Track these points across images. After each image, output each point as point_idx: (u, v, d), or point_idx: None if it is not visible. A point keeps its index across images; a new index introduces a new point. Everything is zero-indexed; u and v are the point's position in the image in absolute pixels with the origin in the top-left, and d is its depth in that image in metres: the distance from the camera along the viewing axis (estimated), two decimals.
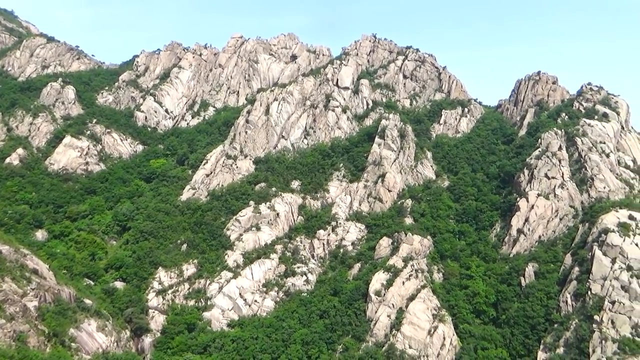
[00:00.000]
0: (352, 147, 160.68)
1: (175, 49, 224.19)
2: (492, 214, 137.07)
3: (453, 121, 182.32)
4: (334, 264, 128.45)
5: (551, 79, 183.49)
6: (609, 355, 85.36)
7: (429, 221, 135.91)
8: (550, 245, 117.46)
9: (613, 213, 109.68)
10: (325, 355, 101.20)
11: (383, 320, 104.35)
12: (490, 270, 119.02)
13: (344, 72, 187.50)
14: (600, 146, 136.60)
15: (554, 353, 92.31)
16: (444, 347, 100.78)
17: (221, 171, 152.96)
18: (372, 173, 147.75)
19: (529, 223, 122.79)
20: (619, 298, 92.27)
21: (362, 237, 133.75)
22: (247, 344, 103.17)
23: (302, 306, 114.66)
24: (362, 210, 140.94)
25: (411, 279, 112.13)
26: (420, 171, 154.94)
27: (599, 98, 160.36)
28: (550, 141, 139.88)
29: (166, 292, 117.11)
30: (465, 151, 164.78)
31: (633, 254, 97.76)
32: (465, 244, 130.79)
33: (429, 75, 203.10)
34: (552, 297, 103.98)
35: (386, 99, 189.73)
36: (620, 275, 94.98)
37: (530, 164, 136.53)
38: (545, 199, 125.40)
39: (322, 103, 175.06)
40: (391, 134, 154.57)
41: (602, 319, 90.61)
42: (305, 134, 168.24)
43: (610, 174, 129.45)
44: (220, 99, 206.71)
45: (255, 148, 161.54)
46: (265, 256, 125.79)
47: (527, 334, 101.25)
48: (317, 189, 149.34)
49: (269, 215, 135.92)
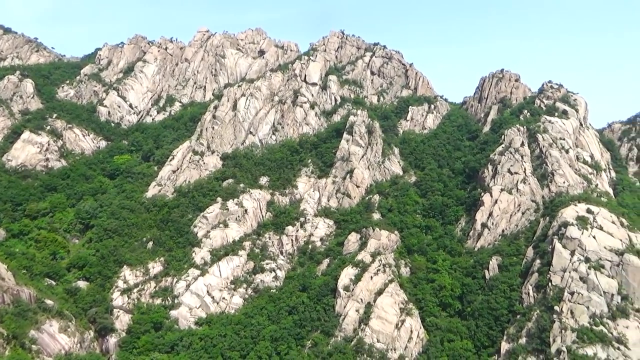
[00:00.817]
0: (320, 143, 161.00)
1: (139, 43, 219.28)
2: (457, 209, 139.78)
3: (420, 117, 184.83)
4: (302, 260, 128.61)
5: (514, 76, 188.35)
6: (569, 344, 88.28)
7: (396, 216, 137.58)
8: (513, 239, 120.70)
9: (572, 207, 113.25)
10: (294, 351, 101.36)
11: (352, 315, 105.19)
12: (456, 264, 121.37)
13: (312, 68, 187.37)
14: (560, 142, 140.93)
15: (517, 343, 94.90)
16: (411, 340, 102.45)
17: (188, 167, 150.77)
18: (341, 169, 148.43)
19: (493, 217, 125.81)
20: (577, 289, 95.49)
21: (331, 232, 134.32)
22: (215, 341, 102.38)
23: (271, 303, 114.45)
24: (331, 206, 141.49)
25: (379, 273, 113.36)
26: (387, 167, 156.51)
27: (559, 96, 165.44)
28: (513, 137, 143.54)
29: (131, 290, 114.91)
30: (432, 147, 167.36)
31: (591, 246, 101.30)
32: (432, 238, 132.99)
33: (396, 72, 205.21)
34: (514, 289, 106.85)
35: (354, 95, 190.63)
36: (579, 267, 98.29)
37: (494, 160, 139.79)
38: (508, 193, 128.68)
39: (290, 99, 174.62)
40: (359, 130, 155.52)
41: (562, 309, 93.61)
42: (273, 129, 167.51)
43: (570, 170, 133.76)
44: (187, 94, 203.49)
45: (222, 144, 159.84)
46: (233, 253, 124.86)
47: (491, 325, 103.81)
48: (286, 185, 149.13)
49: (237, 211, 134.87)
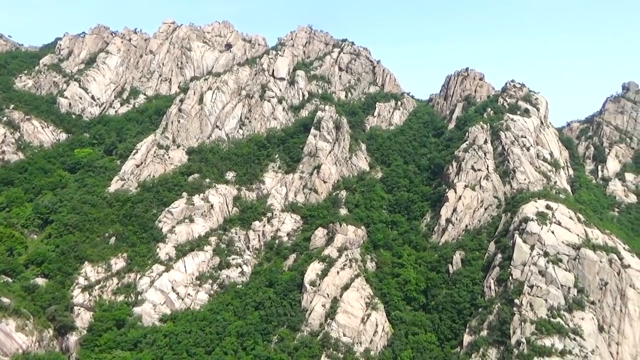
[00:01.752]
0: (287, 138, 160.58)
1: (102, 33, 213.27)
2: (422, 205, 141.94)
3: (387, 114, 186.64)
4: (269, 255, 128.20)
5: (478, 75, 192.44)
6: (528, 335, 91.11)
7: (362, 212, 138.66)
8: (475, 234, 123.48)
9: (532, 203, 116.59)
10: (261, 346, 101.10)
11: (318, 309, 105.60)
12: (421, 259, 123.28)
13: (280, 63, 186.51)
14: (521, 140, 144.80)
15: (479, 336, 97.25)
16: (377, 334, 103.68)
17: (152, 161, 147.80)
18: (308, 164, 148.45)
19: (457, 213, 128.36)
20: (536, 282, 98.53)
21: (298, 228, 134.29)
22: (180, 338, 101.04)
23: (237, 298, 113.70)
24: (298, 201, 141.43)
25: (345, 268, 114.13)
26: (354, 163, 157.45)
27: (521, 95, 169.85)
28: (477, 135, 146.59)
29: (93, 287, 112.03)
30: (398, 143, 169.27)
31: (549, 241, 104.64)
32: (398, 233, 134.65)
33: (364, 68, 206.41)
34: (477, 283, 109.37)
35: (322, 90, 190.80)
36: (538, 261, 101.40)
37: (458, 157, 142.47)
38: (472, 190, 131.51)
39: (258, 93, 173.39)
40: (327, 126, 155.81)
41: (521, 302, 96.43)
42: (240, 124, 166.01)
43: (530, 167, 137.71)
44: (152, 87, 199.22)
45: (188, 138, 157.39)
46: (198, 248, 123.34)
47: (454, 318, 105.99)
48: (253, 180, 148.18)
49: (203, 206, 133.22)
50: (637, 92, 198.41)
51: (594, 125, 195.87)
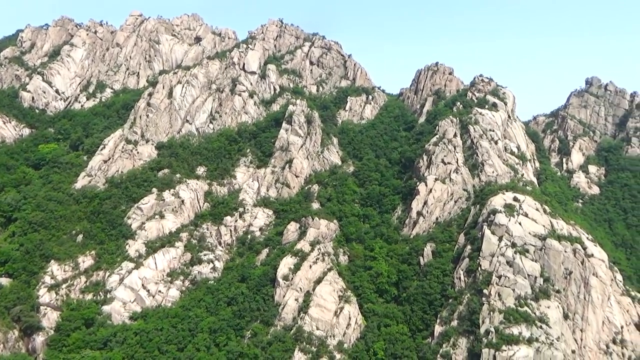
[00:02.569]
0: (259, 133, 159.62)
1: (66, 25, 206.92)
2: (394, 198, 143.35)
3: (358, 108, 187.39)
4: (241, 250, 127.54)
5: (448, 69, 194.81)
6: (496, 325, 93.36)
7: (335, 205, 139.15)
8: (446, 226, 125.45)
9: (500, 195, 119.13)
10: (234, 342, 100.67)
11: (291, 304, 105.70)
12: (393, 251, 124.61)
13: (251, 57, 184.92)
14: (489, 134, 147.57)
15: (449, 326, 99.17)
16: (350, 327, 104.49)
17: (120, 157, 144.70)
18: (280, 159, 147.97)
19: (428, 206, 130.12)
20: (504, 272, 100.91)
21: (270, 222, 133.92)
22: (151, 336, 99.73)
23: (209, 294, 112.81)
24: (270, 196, 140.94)
25: (318, 262, 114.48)
26: (326, 157, 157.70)
27: (489, 89, 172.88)
28: (447, 128, 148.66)
29: (60, 286, 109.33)
30: (370, 137, 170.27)
31: (517, 232, 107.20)
32: (370, 226, 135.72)
33: (335, 62, 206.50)
34: (447, 274, 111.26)
35: (293, 84, 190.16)
36: (506, 252, 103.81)
37: (428, 150, 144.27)
38: (442, 183, 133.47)
39: (229, 87, 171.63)
40: (298, 120, 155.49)
41: (490, 292, 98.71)
42: (210, 118, 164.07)
43: (498, 160, 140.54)
44: (119, 80, 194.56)
45: (157, 133, 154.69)
46: (169, 245, 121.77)
47: (425, 309, 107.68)
48: (224, 174, 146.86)
49: (174, 202, 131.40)
50: (599, 87, 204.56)
51: (559, 119, 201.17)
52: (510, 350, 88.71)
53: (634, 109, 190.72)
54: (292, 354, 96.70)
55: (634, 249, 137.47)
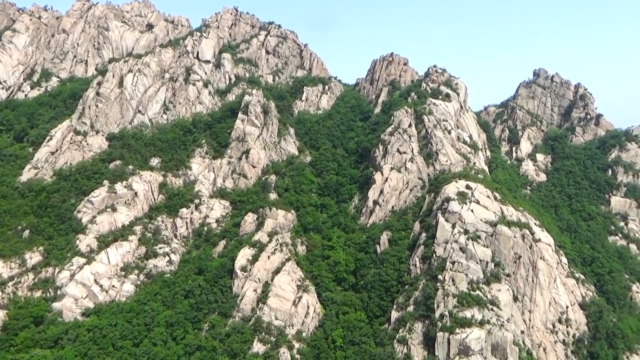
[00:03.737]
0: (214, 123, 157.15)
1: (7, 9, 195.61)
2: (351, 187, 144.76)
3: (314, 98, 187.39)
4: (198, 242, 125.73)
5: (402, 60, 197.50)
6: (450, 308, 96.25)
7: (292, 196, 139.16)
8: (401, 215, 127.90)
9: (453, 184, 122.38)
10: (191, 335, 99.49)
11: (249, 295, 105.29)
12: (350, 240, 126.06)
13: (205, 45, 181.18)
14: (443, 124, 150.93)
15: (405, 311, 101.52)
16: (308, 316, 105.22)
17: (69, 148, 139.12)
18: (236, 149, 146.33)
19: (384, 195, 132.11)
20: (458, 258, 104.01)
21: (227, 214, 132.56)
22: (105, 332, 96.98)
23: (165, 287, 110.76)
24: (227, 187, 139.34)
25: (276, 252, 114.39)
26: (283, 147, 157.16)
27: (443, 80, 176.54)
28: (402, 118, 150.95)
29: (6, 284, 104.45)
30: (326, 127, 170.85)
31: (469, 219, 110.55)
32: (327, 216, 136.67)
33: (291, 52, 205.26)
34: (403, 261, 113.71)
35: (249, 74, 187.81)
36: (459, 238, 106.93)
37: (384, 140, 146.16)
38: (398, 172, 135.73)
39: (182, 76, 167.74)
40: (254, 110, 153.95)
41: (444, 277, 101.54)
42: (164, 108, 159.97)
43: (452, 149, 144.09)
44: (66, 69, 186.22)
45: (108, 123, 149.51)
46: (122, 238, 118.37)
47: (382, 296, 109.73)
48: (179, 166, 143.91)
49: (126, 195, 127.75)
50: (546, 78, 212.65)
51: (509, 109, 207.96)
52: (464, 332, 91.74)
53: (578, 100, 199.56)
54: (251, 345, 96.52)
55: (578, 233, 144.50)
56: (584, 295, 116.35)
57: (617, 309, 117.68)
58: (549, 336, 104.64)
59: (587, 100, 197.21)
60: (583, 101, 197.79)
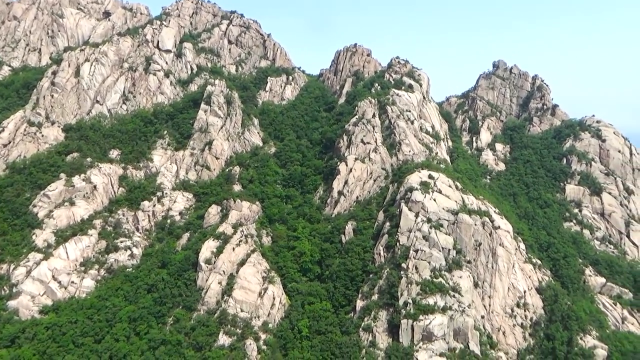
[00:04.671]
0: (176, 114, 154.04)
1: None
2: (315, 178, 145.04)
3: (278, 89, 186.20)
4: (161, 235, 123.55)
5: (366, 51, 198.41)
6: (414, 296, 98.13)
7: (257, 187, 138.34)
8: (366, 205, 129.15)
9: (416, 173, 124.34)
10: (155, 329, 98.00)
11: (214, 287, 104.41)
12: (315, 231, 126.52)
13: (165, 34, 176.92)
14: (406, 114, 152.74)
15: (370, 300, 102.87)
16: (274, 307, 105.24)
17: (22, 140, 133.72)
18: (199, 140, 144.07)
19: (348, 185, 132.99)
20: (421, 247, 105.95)
21: (190, 206, 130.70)
22: (64, 329, 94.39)
23: (127, 282, 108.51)
24: (190, 179, 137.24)
25: (241, 244, 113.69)
26: (247, 138, 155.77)
27: (405, 71, 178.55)
28: (366, 109, 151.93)
29: None
30: (290, 118, 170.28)
31: (432, 208, 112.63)
32: (292, 207, 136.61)
33: (254, 41, 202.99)
34: (368, 250, 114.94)
35: (211, 64, 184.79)
36: (422, 227, 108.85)
37: (348, 130, 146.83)
38: (362, 162, 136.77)
39: (142, 66, 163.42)
40: (217, 100, 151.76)
41: (408, 265, 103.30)
42: (123, 99, 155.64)
43: (414, 139, 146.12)
44: (18, 57, 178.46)
45: (64, 114, 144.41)
46: (82, 233, 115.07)
47: (347, 285, 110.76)
48: (140, 158, 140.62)
49: (85, 188, 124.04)
50: (505, 69, 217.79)
51: (469, 100, 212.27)
52: (427, 319, 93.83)
53: (535, 91, 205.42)
54: (217, 338, 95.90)
55: (535, 220, 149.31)
56: (541, 280, 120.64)
57: (571, 293, 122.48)
58: (508, 320, 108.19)
59: (543, 91, 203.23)
60: (540, 92, 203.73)
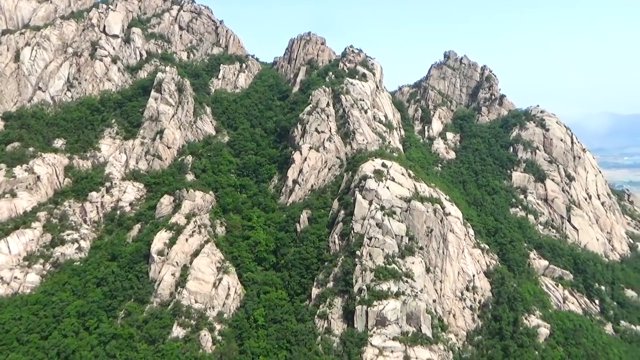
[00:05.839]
0: (125, 102, 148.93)
1: None
2: (270, 167, 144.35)
3: (231, 76, 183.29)
4: (110, 227, 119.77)
5: (320, 39, 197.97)
6: (368, 282, 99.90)
7: (210, 177, 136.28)
8: (320, 193, 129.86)
9: (370, 162, 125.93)
10: (106, 323, 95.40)
11: (167, 279, 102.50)
12: (270, 220, 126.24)
13: (112, 18, 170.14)
14: (360, 103, 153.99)
15: (325, 288, 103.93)
16: (229, 297, 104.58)
17: None
18: (149, 129, 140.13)
19: (303, 174, 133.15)
20: (374, 234, 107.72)
21: (141, 196, 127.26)
22: (8, 326, 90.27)
23: (75, 276, 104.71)
24: (140, 169, 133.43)
25: (194, 235, 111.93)
26: (200, 127, 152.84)
27: (359, 60, 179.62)
28: (320, 98, 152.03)
29: None
30: (244, 107, 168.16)
31: (385, 195, 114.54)
32: (247, 196, 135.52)
33: (206, 28, 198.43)
34: (322, 239, 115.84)
35: (162, 50, 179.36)
36: (375, 215, 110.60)
37: (303, 119, 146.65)
38: (316, 151, 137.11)
39: (88, 51, 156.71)
40: (168, 88, 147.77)
41: (362, 253, 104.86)
42: (68, 85, 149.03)
43: (368, 128, 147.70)
44: None
45: (3, 101, 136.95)
46: (25, 226, 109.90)
47: (302, 274, 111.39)
48: (86, 147, 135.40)
49: (27, 179, 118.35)
50: (455, 60, 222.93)
51: (421, 89, 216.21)
52: (381, 304, 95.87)
53: (484, 81, 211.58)
54: (171, 330, 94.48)
55: (483, 206, 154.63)
56: (489, 264, 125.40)
57: (517, 275, 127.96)
58: (458, 303, 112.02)
59: (492, 82, 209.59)
60: (488, 82, 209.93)
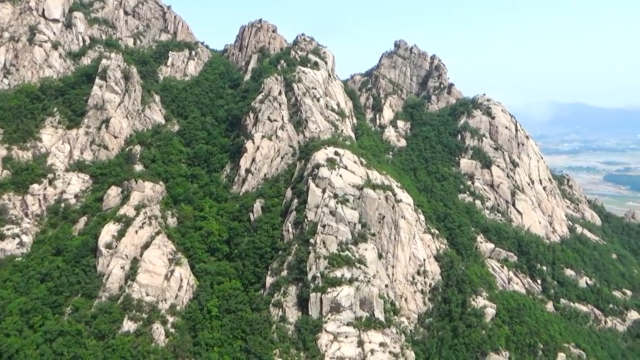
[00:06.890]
0: (67, 89, 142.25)
1: None
2: (222, 157, 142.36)
3: (181, 64, 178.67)
4: (54, 220, 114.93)
5: (271, 27, 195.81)
6: (322, 270, 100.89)
7: (160, 167, 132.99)
8: (274, 182, 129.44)
9: (323, 150, 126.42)
10: (51, 320, 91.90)
11: (116, 272, 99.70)
12: (223, 210, 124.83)
13: (52, 2, 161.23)
14: (312, 91, 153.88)
15: (280, 276, 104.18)
16: (182, 289, 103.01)
17: None
18: (94, 118, 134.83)
19: (256, 163, 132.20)
20: (328, 222, 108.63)
21: (87, 188, 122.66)
22: None
23: (16, 272, 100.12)
24: (85, 160, 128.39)
25: (145, 226, 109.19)
26: (148, 115, 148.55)
27: (311, 48, 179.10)
28: (272, 86, 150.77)
29: None
30: (194, 95, 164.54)
31: (338, 183, 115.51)
32: (198, 186, 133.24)
33: (153, 13, 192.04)
34: (276, 227, 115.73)
35: (106, 36, 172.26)
36: (329, 203, 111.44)
37: (255, 108, 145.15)
38: (269, 140, 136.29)
39: (26, 36, 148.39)
40: (114, 75, 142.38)
41: (316, 241, 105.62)
42: (5, 72, 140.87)
43: (321, 117, 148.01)
44: None
45: None
46: None
47: (257, 263, 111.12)
48: (26, 137, 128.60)
49: None
50: (406, 49, 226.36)
51: (373, 78, 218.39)
52: (335, 291, 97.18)
53: (433, 70, 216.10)
54: (121, 324, 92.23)
55: (433, 192, 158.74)
56: (438, 249, 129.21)
57: (465, 259, 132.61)
58: (410, 287, 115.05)
59: (441, 71, 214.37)
60: (438, 71, 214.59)
